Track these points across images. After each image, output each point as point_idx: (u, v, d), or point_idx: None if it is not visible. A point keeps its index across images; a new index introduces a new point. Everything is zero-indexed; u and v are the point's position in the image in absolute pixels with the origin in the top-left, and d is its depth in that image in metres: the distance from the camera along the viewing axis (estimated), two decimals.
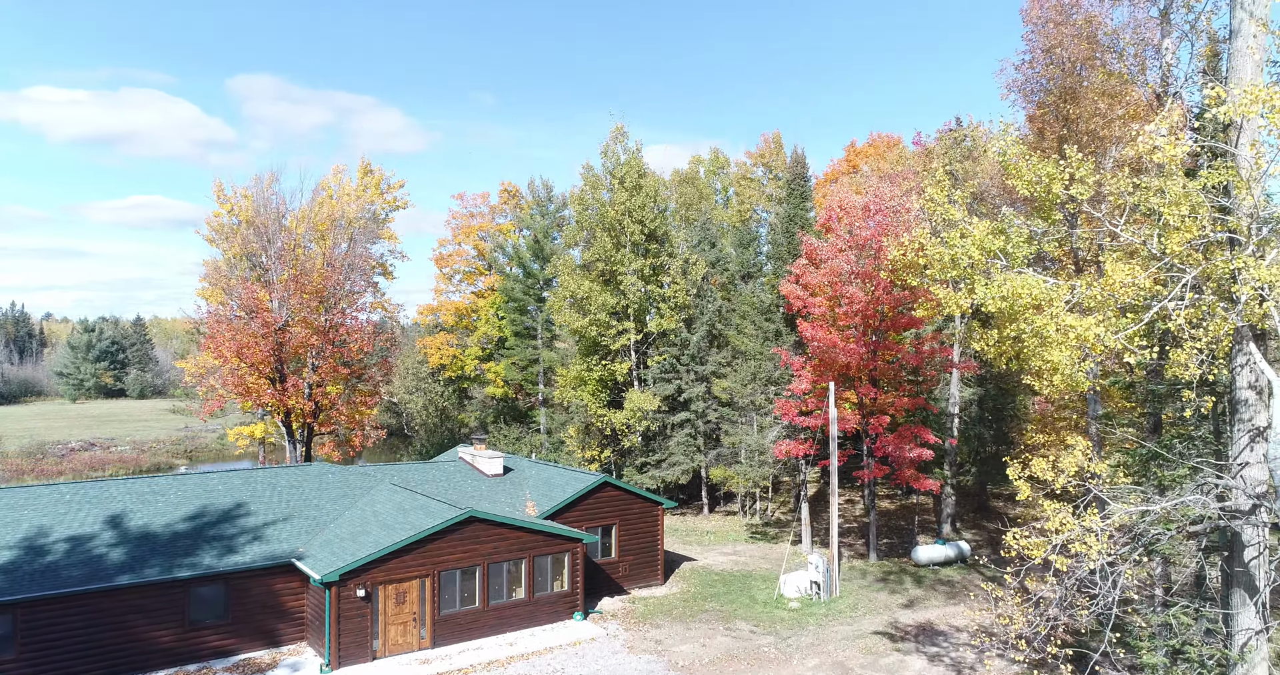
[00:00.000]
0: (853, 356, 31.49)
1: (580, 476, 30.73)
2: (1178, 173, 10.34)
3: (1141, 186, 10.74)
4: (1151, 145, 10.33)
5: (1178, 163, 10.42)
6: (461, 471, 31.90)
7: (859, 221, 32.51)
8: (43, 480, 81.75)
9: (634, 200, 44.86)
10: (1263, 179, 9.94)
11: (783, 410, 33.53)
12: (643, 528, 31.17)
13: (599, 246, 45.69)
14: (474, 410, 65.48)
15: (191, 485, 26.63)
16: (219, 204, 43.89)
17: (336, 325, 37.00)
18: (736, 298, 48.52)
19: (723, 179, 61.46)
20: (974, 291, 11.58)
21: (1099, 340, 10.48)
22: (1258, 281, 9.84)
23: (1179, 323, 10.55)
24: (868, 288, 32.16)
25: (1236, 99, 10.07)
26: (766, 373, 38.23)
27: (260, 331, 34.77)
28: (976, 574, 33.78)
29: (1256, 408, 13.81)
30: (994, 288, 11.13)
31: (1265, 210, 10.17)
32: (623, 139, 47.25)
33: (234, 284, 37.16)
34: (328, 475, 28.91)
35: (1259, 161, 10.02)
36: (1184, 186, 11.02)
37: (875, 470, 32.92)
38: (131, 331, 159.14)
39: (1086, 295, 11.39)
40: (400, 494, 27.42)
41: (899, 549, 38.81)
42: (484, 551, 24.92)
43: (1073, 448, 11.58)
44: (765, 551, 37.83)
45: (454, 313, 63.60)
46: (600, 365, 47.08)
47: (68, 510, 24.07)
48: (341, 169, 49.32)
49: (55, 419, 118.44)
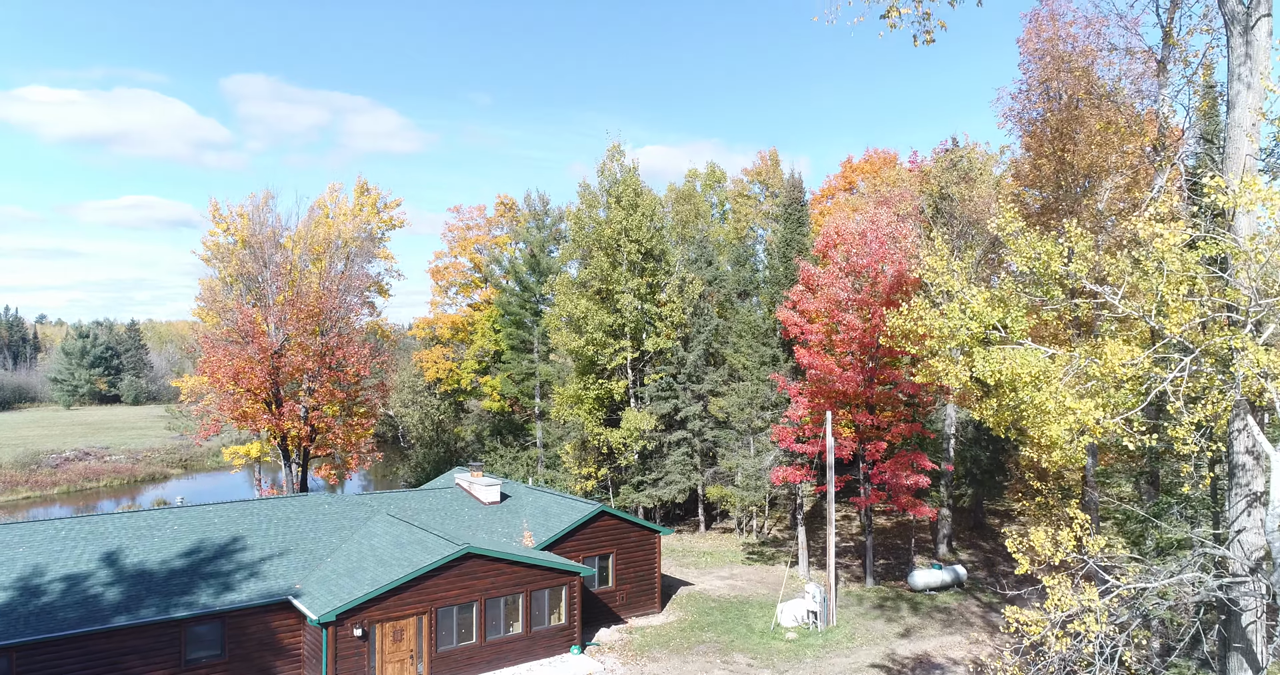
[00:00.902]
0: (850, 384, 31.51)
1: (577, 505, 30.70)
2: (1176, 259, 10.38)
3: (1141, 265, 10.77)
4: (1152, 233, 10.36)
5: (1176, 252, 10.46)
6: (458, 499, 31.85)
7: (856, 248, 32.53)
8: (37, 492, 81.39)
9: (630, 219, 44.83)
10: (1264, 266, 9.96)
11: (779, 436, 33.54)
12: (640, 556, 31.15)
13: (595, 265, 45.64)
14: (470, 423, 65.37)
15: (187, 519, 26.53)
16: (214, 223, 43.77)
17: (333, 349, 36.91)
18: (733, 316, 48.51)
19: (719, 193, 61.47)
20: (973, 364, 11.61)
21: (1099, 423, 10.52)
22: (1257, 365, 9.87)
23: (1178, 406, 10.60)
24: (865, 314, 32.18)
25: (1235, 188, 10.09)
26: (763, 397, 38.23)
27: (256, 356, 34.67)
28: (973, 599, 33.82)
29: (1254, 473, 13.84)
30: (993, 362, 11.16)
31: (1265, 300, 10.19)
32: (619, 157, 47.21)
33: (230, 307, 37.03)
34: (324, 506, 28.83)
35: (1258, 255, 10.06)
36: (1182, 259, 11.04)
37: (872, 496, 32.93)
38: (126, 336, 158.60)
39: (1085, 367, 11.41)
40: (397, 526, 27.35)
41: (895, 571, 38.85)
42: (481, 587, 24.88)
43: (1072, 520, 11.61)
44: (762, 574, 37.83)
45: (450, 326, 63.48)
46: (597, 384, 47.04)
47: (63, 547, 23.97)
48: (337, 187, 49.27)
49: (50, 426, 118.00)
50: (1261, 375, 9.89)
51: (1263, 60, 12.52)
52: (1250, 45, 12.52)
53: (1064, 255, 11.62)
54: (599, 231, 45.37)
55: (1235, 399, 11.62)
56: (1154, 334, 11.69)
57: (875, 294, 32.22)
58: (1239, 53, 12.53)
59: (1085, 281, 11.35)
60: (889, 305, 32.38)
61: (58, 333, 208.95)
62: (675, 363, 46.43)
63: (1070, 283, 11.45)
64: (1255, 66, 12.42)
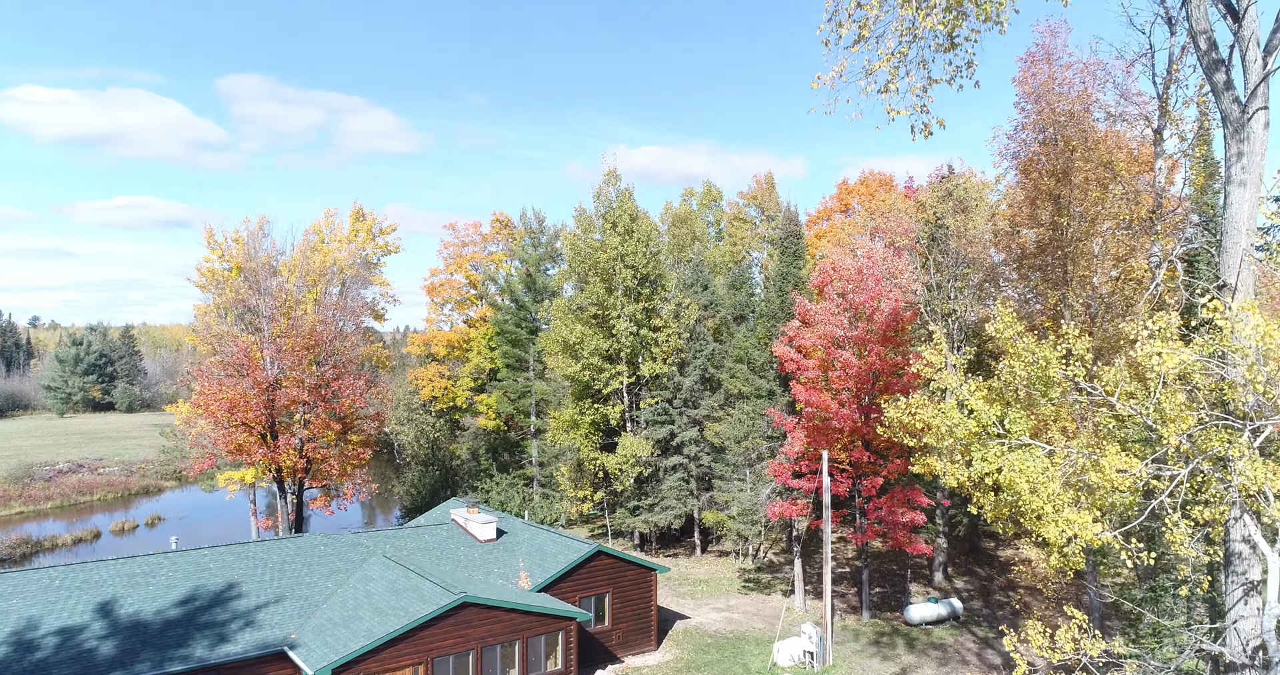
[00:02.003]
0: (846, 422, 31.54)
1: (573, 544, 30.67)
2: (1174, 382, 10.43)
3: (1138, 372, 10.80)
4: (1152, 352, 10.41)
5: (1174, 374, 10.50)
6: (454, 536, 31.80)
7: (853, 284, 32.56)
8: (30, 506, 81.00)
9: (626, 245, 44.81)
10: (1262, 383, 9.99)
11: (775, 472, 33.56)
12: (636, 594, 31.14)
13: (591, 290, 45.62)
14: (466, 441, 65.29)
15: (182, 564, 26.44)
16: (209, 249, 43.61)
17: (329, 380, 36.83)
18: (729, 340, 48.54)
19: (715, 213, 61.50)
20: (970, 464, 11.64)
21: (1097, 537, 10.55)
22: (1254, 483, 9.92)
23: (1175, 518, 10.65)
24: (861, 351, 32.22)
25: (1232, 310, 10.16)
26: (760, 430, 38.24)
27: (252, 390, 34.58)
28: (969, 634, 33.89)
29: (1250, 561, 13.88)
30: (990, 462, 11.19)
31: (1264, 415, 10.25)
32: (615, 181, 47.20)
33: (225, 340, 36.93)
34: (319, 547, 28.77)
35: (1255, 381, 10.10)
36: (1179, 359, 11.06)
37: (869, 532, 32.97)
38: (120, 343, 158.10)
39: (1084, 467, 11.45)
40: (393, 570, 27.30)
41: (892, 600, 38.90)
42: (478, 635, 24.85)
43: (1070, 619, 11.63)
44: (759, 605, 37.85)
45: (445, 344, 63.40)
46: (593, 408, 47.02)
47: (57, 598, 23.87)
48: (333, 212, 49.17)
49: (43, 436, 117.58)
50: (1258, 495, 9.94)
51: (1258, 159, 12.56)
52: (1245, 142, 12.55)
53: (1062, 358, 11.66)
54: (594, 257, 45.35)
55: (1233, 502, 11.65)
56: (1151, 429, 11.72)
57: (871, 331, 32.25)
58: (1234, 152, 12.57)
59: (1084, 385, 11.40)
60: (885, 343, 32.44)
61: (51, 337, 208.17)
62: (671, 388, 46.44)
63: (1068, 385, 11.48)
64: (1250, 166, 12.46)
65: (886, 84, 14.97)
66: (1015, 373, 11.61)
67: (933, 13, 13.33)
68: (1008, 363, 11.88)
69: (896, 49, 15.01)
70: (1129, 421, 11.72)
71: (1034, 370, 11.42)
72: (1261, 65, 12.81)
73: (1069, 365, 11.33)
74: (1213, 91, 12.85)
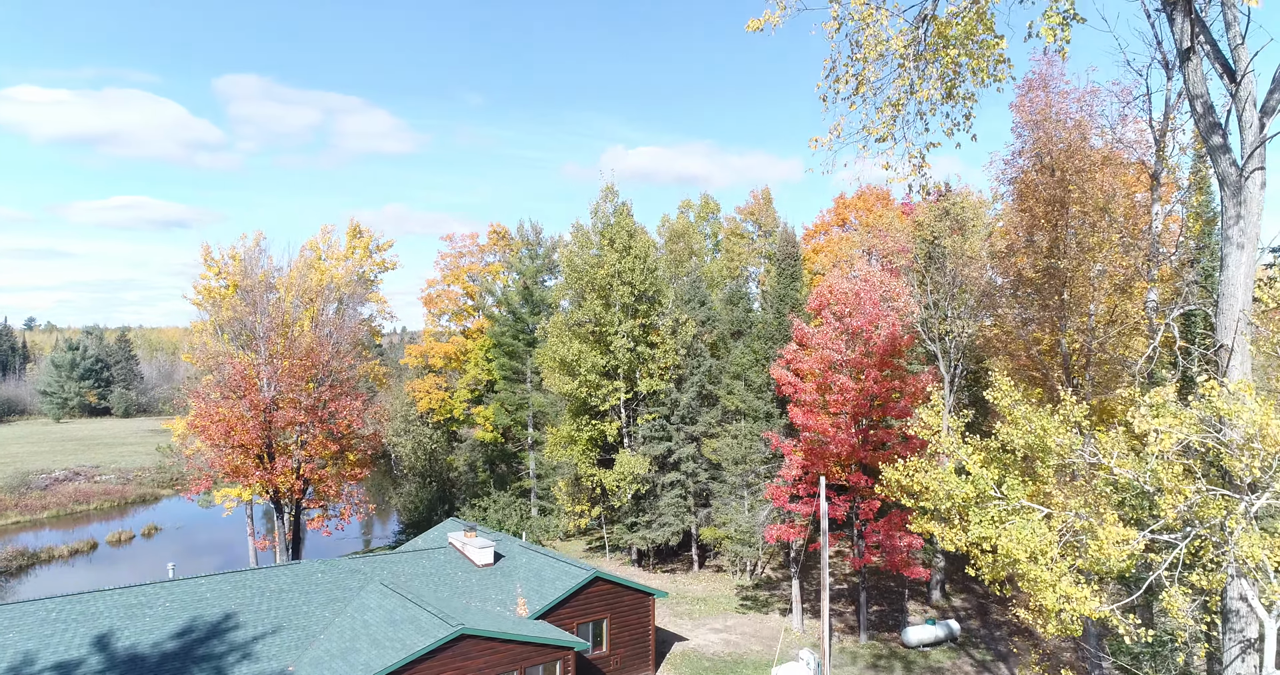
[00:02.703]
0: (843, 446, 31.57)
1: (570, 570, 30.65)
2: (1172, 457, 10.45)
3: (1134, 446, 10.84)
4: (1149, 429, 10.44)
5: (1171, 451, 10.53)
6: (452, 561, 31.77)
7: (850, 308, 32.58)
8: (27, 516, 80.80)
9: (624, 262, 44.80)
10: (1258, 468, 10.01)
11: (773, 495, 33.58)
12: (634, 619, 31.15)
13: (589, 307, 45.61)
14: (463, 452, 65.24)
15: (179, 594, 26.38)
16: (206, 266, 43.54)
17: (326, 401, 36.79)
18: (726, 356, 48.54)
19: (713, 225, 61.55)
20: (968, 529, 11.67)
21: (1096, 611, 10.58)
22: (1251, 559, 9.94)
23: (1173, 591, 10.68)
24: (858, 376, 32.24)
25: (1229, 387, 10.21)
26: (758, 452, 38.26)
27: (248, 413, 34.53)
28: (966, 656, 33.94)
29: (1248, 619, 13.90)
30: (987, 527, 11.21)
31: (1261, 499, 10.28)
32: (612, 197, 47.19)
33: (222, 359, 36.87)
34: (317, 575, 28.72)
35: (1253, 466, 10.13)
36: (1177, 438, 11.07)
37: (866, 556, 33.00)
38: (116, 347, 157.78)
39: (1080, 526, 11.49)
40: (390, 599, 27.27)
41: (890, 619, 38.94)
42: (476, 667, 24.83)
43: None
44: (757, 625, 37.86)
45: (442, 356, 63.35)
46: (590, 425, 47.01)
47: (53, 631, 23.81)
48: (330, 229, 49.11)
49: (39, 442, 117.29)
50: (1255, 569, 9.97)
51: (1255, 220, 12.58)
52: (1243, 205, 12.57)
53: (1058, 427, 11.69)
54: (592, 274, 45.32)
55: (1229, 566, 11.67)
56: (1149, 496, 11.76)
57: (869, 354, 32.27)
58: (1231, 214, 12.59)
59: (1082, 453, 11.42)
60: (883, 367, 32.46)
61: (47, 341, 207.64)
62: (669, 404, 46.43)
63: (1066, 454, 11.51)
64: (1248, 228, 12.48)
65: (885, 134, 15.11)
66: (1014, 440, 11.65)
67: (929, 80, 13.35)
68: (1006, 429, 11.92)
69: (895, 100, 15.09)
70: (1126, 487, 11.74)
71: (1031, 439, 11.47)
72: (1258, 126, 12.83)
73: (1066, 433, 11.38)
74: (1209, 153, 12.87)
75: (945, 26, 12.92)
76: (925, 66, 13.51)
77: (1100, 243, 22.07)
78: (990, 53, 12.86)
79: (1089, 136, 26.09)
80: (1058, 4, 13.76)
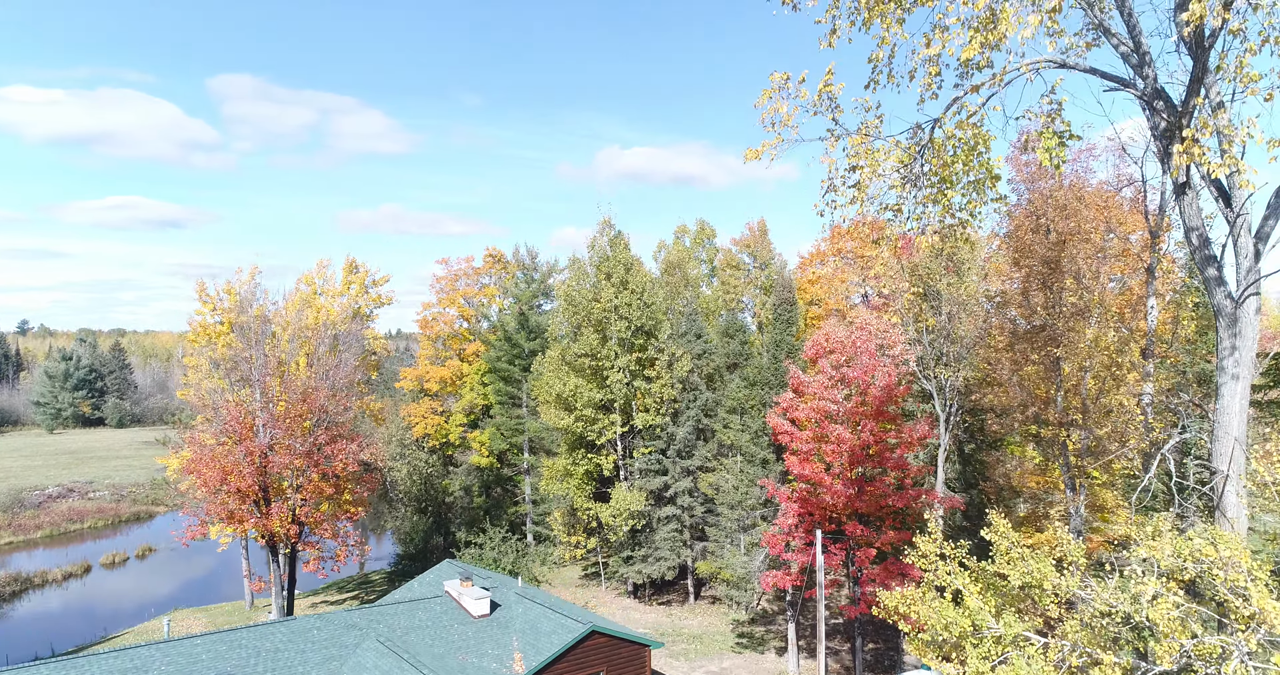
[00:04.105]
0: (839, 498, 31.63)
1: (567, 623, 30.65)
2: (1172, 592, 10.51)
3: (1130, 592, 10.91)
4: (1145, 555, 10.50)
5: (1173, 587, 10.61)
6: (448, 611, 31.75)
7: (846, 357, 32.64)
8: (20, 536, 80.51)
9: (621, 296, 44.83)
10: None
11: (769, 543, 33.63)
12: (630, 671, 31.16)
13: (585, 341, 45.64)
14: (459, 477, 65.22)
15: (175, 656, 26.32)
16: (201, 303, 43.44)
17: (321, 445, 36.75)
18: (722, 389, 48.58)
19: (708, 251, 61.68)
20: (965, 664, 11.74)
21: None
22: None
23: None
24: (855, 426, 32.29)
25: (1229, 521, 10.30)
26: (754, 497, 38.32)
27: (244, 459, 34.47)
28: None
29: None
30: (985, 669, 11.28)
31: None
32: (609, 230, 47.22)
33: (218, 396, 36.79)
34: (313, 631, 28.68)
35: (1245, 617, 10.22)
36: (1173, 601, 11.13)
37: (862, 604, 33.05)
38: (110, 357, 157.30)
39: (1075, 665, 11.55)
40: (387, 659, 27.25)
41: (885, 659, 39.02)
42: None
43: None
44: (753, 667, 37.92)
45: (438, 380, 63.34)
46: (586, 458, 47.06)
47: None
48: (326, 263, 49.08)
49: (32, 455, 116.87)
50: None
51: (1250, 350, 12.64)
52: (1239, 337, 12.63)
53: (1055, 566, 11.75)
54: (589, 308, 45.36)
55: None
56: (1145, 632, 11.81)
57: (865, 404, 32.33)
58: (1227, 345, 12.65)
59: (1079, 593, 11.49)
60: (879, 417, 32.53)
61: (40, 347, 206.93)
62: (665, 438, 46.47)
63: (1065, 595, 11.59)
64: (1244, 359, 12.54)
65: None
66: (1010, 581, 11.74)
67: (926, 206, 13.45)
68: (1004, 569, 12.00)
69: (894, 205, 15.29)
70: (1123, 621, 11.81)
71: (1029, 579, 11.56)
72: (1253, 253, 12.88)
73: (1064, 576, 11.45)
74: (1205, 285, 12.92)
75: (944, 165, 13.01)
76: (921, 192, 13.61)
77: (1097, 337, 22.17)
78: (984, 194, 12.96)
79: (1084, 198, 26.21)
80: (1054, 124, 13.89)
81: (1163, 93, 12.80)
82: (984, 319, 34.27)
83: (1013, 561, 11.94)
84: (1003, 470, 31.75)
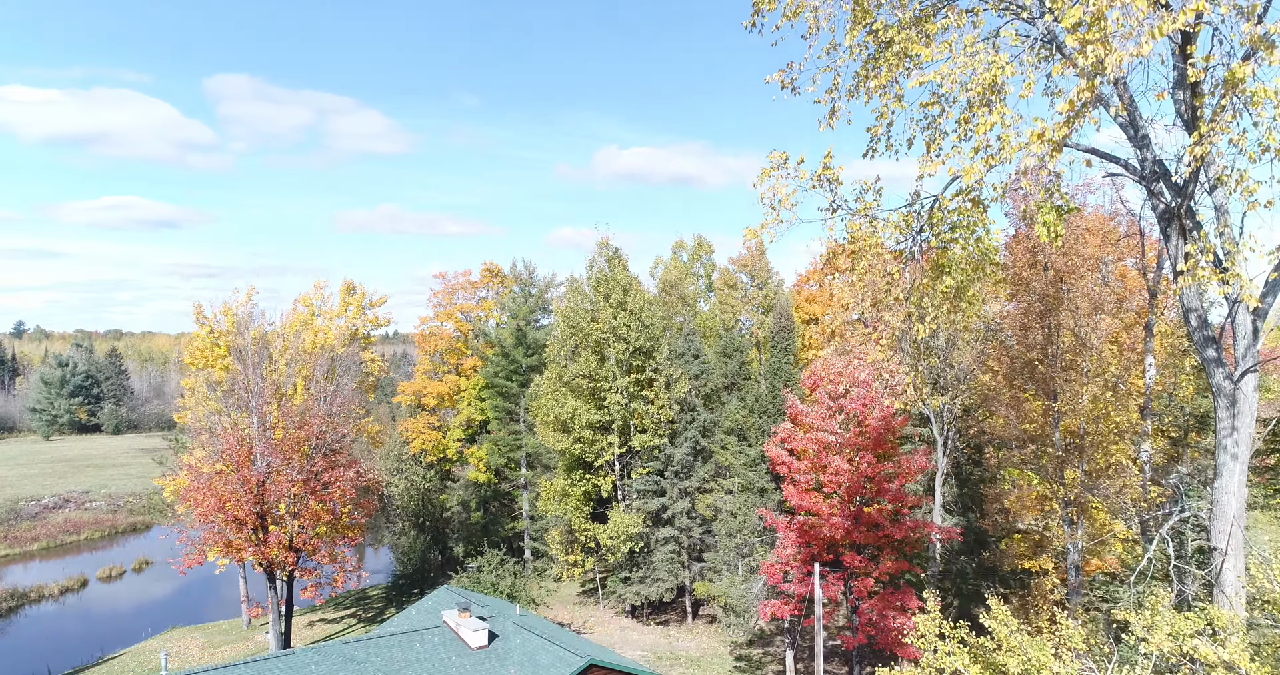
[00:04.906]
0: (837, 529, 31.66)
1: (566, 656, 30.62)
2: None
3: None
4: (1146, 626, 10.57)
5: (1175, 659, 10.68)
6: (445, 643, 31.72)
7: (844, 387, 32.67)
8: (17, 548, 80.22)
9: (620, 318, 44.83)
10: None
11: (767, 573, 33.65)
12: None
13: (583, 362, 45.62)
14: (456, 492, 65.20)
15: None
16: (199, 326, 43.37)
17: (319, 472, 36.70)
18: (720, 409, 48.60)
19: (706, 267, 61.77)
20: None
21: None
22: None
23: None
24: (853, 458, 32.31)
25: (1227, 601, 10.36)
26: (752, 526, 38.35)
27: (241, 487, 34.42)
28: None
29: None
30: None
31: None
32: (607, 251, 47.21)
33: (214, 426, 36.74)
34: (310, 667, 28.64)
35: None
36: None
37: (860, 635, 33.09)
38: (106, 362, 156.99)
39: None
40: None
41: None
42: None
43: None
44: None
45: (436, 395, 63.30)
46: (584, 479, 47.05)
47: None
48: (323, 285, 49.06)
49: (28, 464, 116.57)
50: None
51: (1248, 429, 12.67)
52: (1238, 417, 12.66)
53: (1053, 651, 11.79)
54: (587, 329, 45.35)
55: None
56: None
57: (864, 435, 32.36)
58: (1225, 425, 12.68)
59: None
60: (877, 448, 32.58)
61: (36, 350, 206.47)
62: (663, 459, 46.47)
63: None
64: (1243, 439, 12.57)
65: None
66: (1010, 671, 11.79)
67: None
68: (1004, 657, 12.04)
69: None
70: None
71: (1028, 666, 11.60)
72: (1251, 330, 12.92)
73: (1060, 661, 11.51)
74: (1204, 364, 12.96)
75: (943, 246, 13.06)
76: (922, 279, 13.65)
77: (1095, 399, 22.24)
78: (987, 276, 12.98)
79: (1082, 236, 26.25)
80: (1052, 197, 13.92)
81: (1162, 173, 12.83)
82: (981, 344, 34.33)
83: (1012, 651, 11.99)
84: (999, 506, 31.83)
